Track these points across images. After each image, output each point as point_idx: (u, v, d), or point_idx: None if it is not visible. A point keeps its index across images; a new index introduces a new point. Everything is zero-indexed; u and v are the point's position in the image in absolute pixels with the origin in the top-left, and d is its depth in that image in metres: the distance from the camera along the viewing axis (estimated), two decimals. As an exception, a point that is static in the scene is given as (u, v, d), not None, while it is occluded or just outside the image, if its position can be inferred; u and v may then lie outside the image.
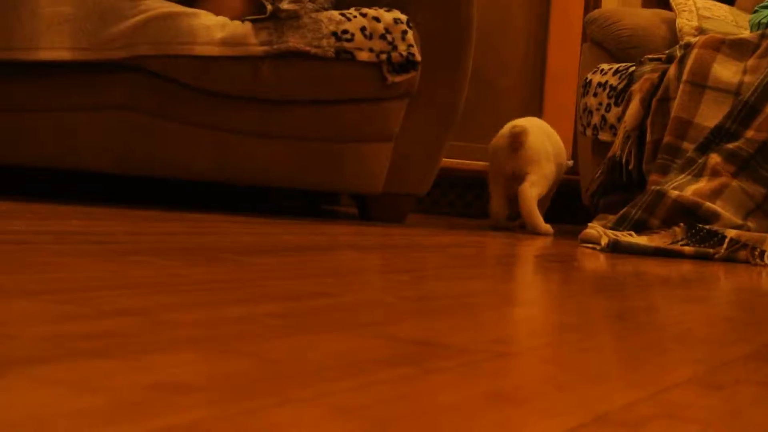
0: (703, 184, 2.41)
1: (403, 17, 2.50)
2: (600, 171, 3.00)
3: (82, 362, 0.55)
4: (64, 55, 2.25)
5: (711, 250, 2.20)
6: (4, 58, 2.22)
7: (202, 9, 2.41)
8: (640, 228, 2.38)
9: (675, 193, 2.37)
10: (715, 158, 2.46)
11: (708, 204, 2.33)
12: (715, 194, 2.37)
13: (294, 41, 2.39)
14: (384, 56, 2.46)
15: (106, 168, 2.36)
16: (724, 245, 2.21)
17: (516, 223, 3.01)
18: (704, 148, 2.51)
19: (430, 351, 0.68)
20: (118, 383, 0.51)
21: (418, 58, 2.50)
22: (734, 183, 2.40)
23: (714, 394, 0.62)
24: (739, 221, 2.32)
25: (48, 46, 2.24)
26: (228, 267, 1.14)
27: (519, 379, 0.62)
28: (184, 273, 1.03)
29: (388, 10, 2.51)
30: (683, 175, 2.48)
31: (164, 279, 0.97)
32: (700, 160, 2.49)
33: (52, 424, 0.42)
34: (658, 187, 2.42)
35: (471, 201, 4.00)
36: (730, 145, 2.47)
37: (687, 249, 2.20)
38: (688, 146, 2.59)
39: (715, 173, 2.42)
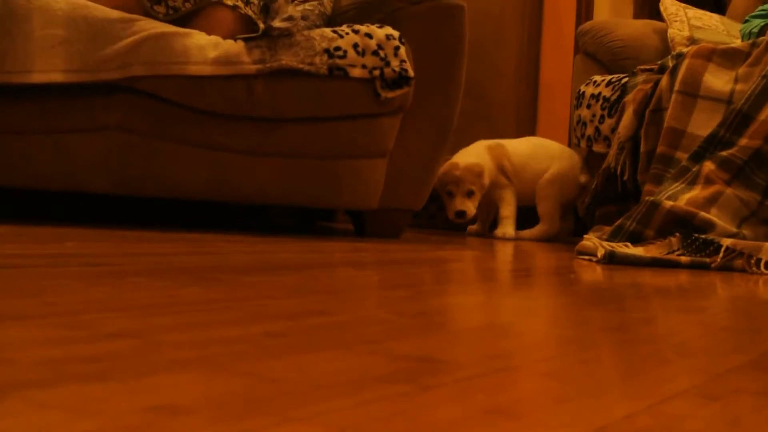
0: (697, 192, 2.41)
1: (395, 33, 2.50)
2: (595, 182, 3.01)
3: (79, 386, 0.55)
4: (58, 77, 2.25)
5: (707, 260, 2.20)
6: (-2, 81, 2.22)
7: (195, 29, 2.41)
8: (635, 239, 2.38)
9: (669, 203, 2.37)
10: (708, 166, 2.46)
11: (702, 213, 2.33)
12: (710, 202, 2.37)
13: (287, 59, 2.39)
14: (377, 72, 2.46)
15: (102, 189, 2.36)
16: (720, 254, 2.21)
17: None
18: (698, 157, 2.52)
19: (427, 367, 0.68)
20: (115, 407, 0.51)
21: (411, 73, 2.50)
22: (728, 190, 2.40)
23: (712, 405, 0.62)
24: (734, 229, 2.32)
25: (42, 69, 2.24)
26: (224, 287, 1.14)
27: (517, 393, 0.61)
28: (180, 294, 1.03)
29: (380, 27, 2.51)
30: (677, 184, 2.48)
31: (160, 300, 0.97)
32: (694, 169, 2.49)
33: (49, 450, 0.42)
34: (652, 198, 2.42)
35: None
36: (724, 153, 2.47)
37: (683, 259, 2.20)
38: (682, 156, 2.59)
39: (709, 181, 2.42)
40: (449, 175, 3.33)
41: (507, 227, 3.40)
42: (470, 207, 3.33)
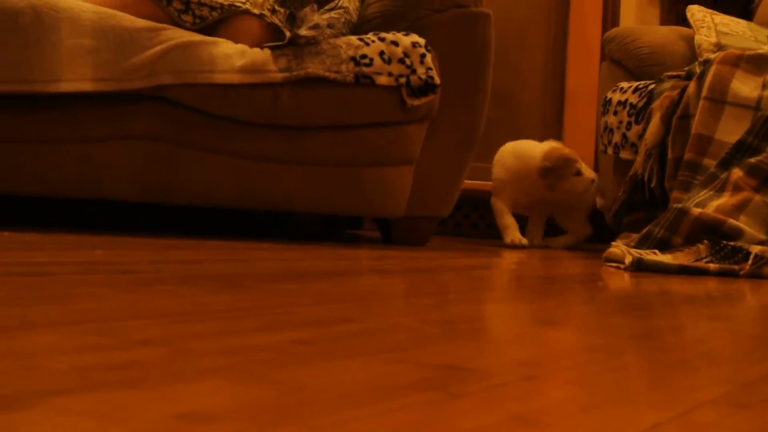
0: (725, 200, 2.39)
1: (421, 41, 2.51)
2: (622, 189, 2.99)
3: (108, 393, 0.55)
4: (86, 86, 2.27)
5: (736, 267, 2.18)
6: (28, 90, 2.23)
7: (222, 37, 2.42)
8: (663, 246, 2.36)
9: (697, 210, 2.36)
10: (737, 173, 2.44)
11: (731, 221, 2.32)
12: (738, 209, 2.36)
13: (313, 67, 2.40)
14: (403, 80, 2.46)
15: (129, 197, 2.37)
16: (749, 261, 2.19)
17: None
18: (726, 164, 2.50)
19: (454, 375, 0.68)
20: (143, 414, 0.51)
21: (437, 80, 2.50)
22: (757, 197, 2.39)
23: (741, 413, 0.61)
24: (763, 236, 2.31)
25: (70, 78, 2.25)
26: (252, 294, 1.14)
27: (544, 401, 0.61)
28: (207, 301, 1.04)
29: (406, 34, 2.52)
30: (705, 191, 2.47)
31: (188, 308, 0.97)
32: (722, 176, 2.48)
33: (80, 457, 0.43)
34: (680, 205, 2.41)
35: (493, 222, 4.00)
36: (752, 160, 2.46)
37: (711, 266, 2.19)
38: (710, 162, 2.58)
39: (737, 188, 2.41)
40: (571, 155, 3.20)
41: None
42: None
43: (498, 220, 3.28)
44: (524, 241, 3.18)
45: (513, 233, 3.20)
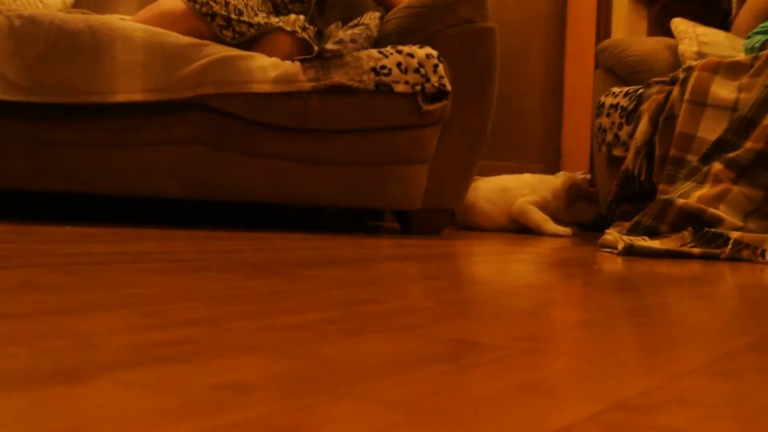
0: (706, 190, 2.38)
1: (434, 52, 2.50)
2: (615, 183, 2.98)
3: (158, 367, 0.56)
4: (138, 97, 2.27)
5: (717, 251, 2.17)
6: (87, 101, 2.24)
7: (257, 52, 2.42)
8: (651, 233, 2.36)
9: (681, 201, 2.35)
10: (717, 166, 2.43)
11: (711, 210, 2.31)
12: (718, 199, 2.34)
13: (338, 77, 2.40)
14: (418, 87, 2.46)
15: (176, 194, 2.38)
16: (729, 246, 2.18)
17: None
18: (707, 159, 2.49)
19: (466, 349, 0.68)
20: (189, 385, 0.51)
21: (449, 88, 2.49)
22: (735, 188, 2.37)
23: (721, 381, 0.61)
24: (741, 223, 2.30)
25: (124, 90, 2.26)
26: (285, 279, 1.14)
27: (546, 371, 0.61)
28: (246, 285, 1.04)
29: (420, 47, 2.51)
30: (688, 183, 2.46)
31: (229, 291, 0.97)
32: (703, 169, 2.46)
33: (134, 422, 0.43)
34: (665, 197, 2.39)
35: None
36: (731, 155, 2.44)
37: (695, 250, 2.18)
38: (692, 158, 2.56)
39: (717, 180, 2.40)
40: (584, 182, 3.42)
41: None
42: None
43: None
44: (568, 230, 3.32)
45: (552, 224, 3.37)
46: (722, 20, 4.09)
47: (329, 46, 2.42)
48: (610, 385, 0.58)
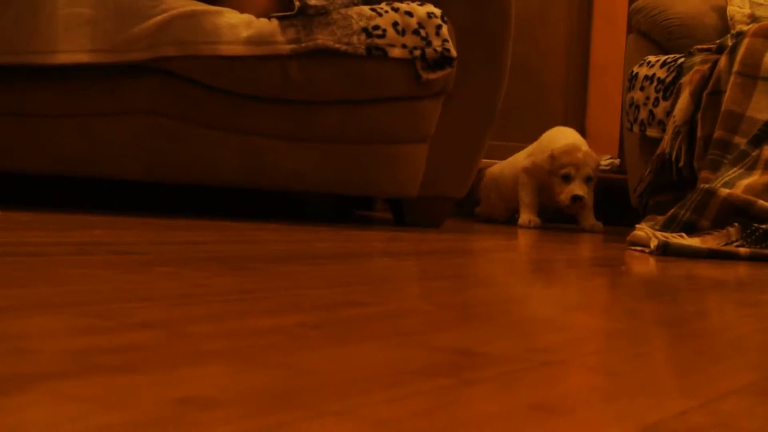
0: (756, 178, 2.38)
1: (437, 11, 2.50)
2: (648, 169, 2.99)
3: (106, 377, 0.56)
4: (84, 57, 2.27)
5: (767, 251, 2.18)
6: (22, 62, 2.24)
7: (227, 6, 2.42)
8: (689, 229, 2.36)
9: (725, 191, 2.35)
10: (769, 150, 2.44)
11: (761, 202, 2.31)
12: (770, 189, 2.35)
13: (323, 38, 2.40)
14: (417, 52, 2.46)
15: (131, 175, 2.38)
16: (782, 245, 2.19)
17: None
18: (758, 141, 2.49)
19: (469, 360, 0.68)
20: (142, 398, 0.51)
21: (454, 53, 2.49)
22: (791, 177, 2.38)
23: (771, 403, 0.61)
24: (797, 219, 2.30)
25: (67, 49, 2.26)
26: (257, 276, 1.14)
27: (563, 388, 0.61)
28: (211, 283, 1.04)
29: (421, 4, 2.51)
30: (735, 169, 2.46)
31: (190, 290, 0.97)
32: (753, 153, 2.47)
33: (75, 442, 0.43)
34: (707, 186, 2.40)
35: (512, 203, 3.99)
36: (787, 137, 2.45)
37: (742, 250, 2.19)
38: (741, 141, 2.57)
39: (769, 166, 2.40)
40: (570, 156, 3.30)
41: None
42: (589, 193, 3.33)
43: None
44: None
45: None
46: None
47: (313, 1, 2.42)
48: (638, 406, 0.58)
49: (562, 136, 3.42)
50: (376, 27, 2.44)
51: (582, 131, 4.61)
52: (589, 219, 3.42)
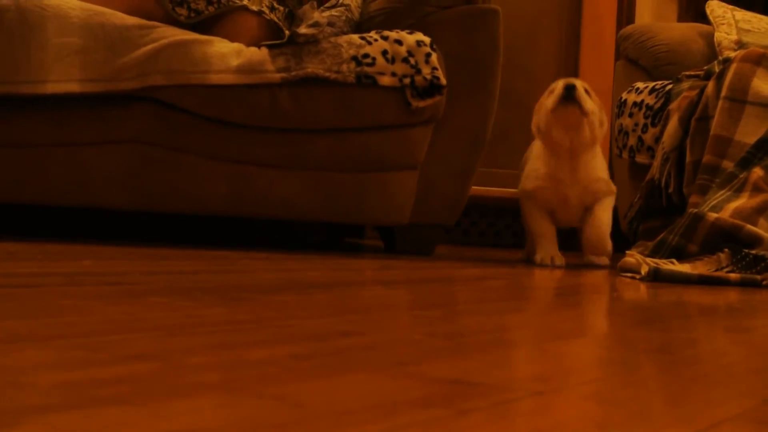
0: (744, 201, 2.39)
1: (427, 39, 2.51)
2: (638, 195, 2.99)
3: (98, 410, 0.56)
4: (74, 87, 2.27)
5: (758, 277, 2.18)
6: (12, 92, 2.24)
7: (218, 35, 2.42)
8: (678, 254, 2.36)
9: (713, 215, 2.35)
10: (757, 173, 2.44)
11: (749, 227, 2.31)
12: (757, 212, 2.35)
13: (313, 67, 2.40)
14: (407, 80, 2.47)
15: (120, 204, 2.38)
16: (773, 271, 2.19)
17: None
18: (746, 163, 2.50)
19: (463, 390, 0.68)
20: (135, 431, 0.51)
21: (443, 81, 2.50)
22: (778, 200, 2.38)
23: (766, 430, 0.61)
24: (785, 242, 2.30)
25: (57, 79, 2.26)
26: (249, 306, 1.14)
27: (558, 418, 0.61)
28: (202, 314, 1.04)
29: (410, 33, 2.52)
30: (722, 192, 2.46)
31: (182, 320, 0.97)
32: (741, 175, 2.47)
33: (69, 477, 0.43)
34: (695, 210, 2.40)
35: (502, 230, 4.00)
36: (774, 159, 2.46)
37: (733, 276, 2.19)
38: (729, 165, 2.57)
39: (757, 189, 2.41)
40: (562, 83, 2.55)
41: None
42: (582, 87, 2.55)
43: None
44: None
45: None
46: (765, 4, 4.12)
47: (302, 30, 2.43)
48: (633, 434, 0.58)
49: None
50: (366, 55, 2.45)
51: (571, 157, 4.61)
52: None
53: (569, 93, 2.49)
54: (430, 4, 2.66)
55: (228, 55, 2.36)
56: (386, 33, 2.51)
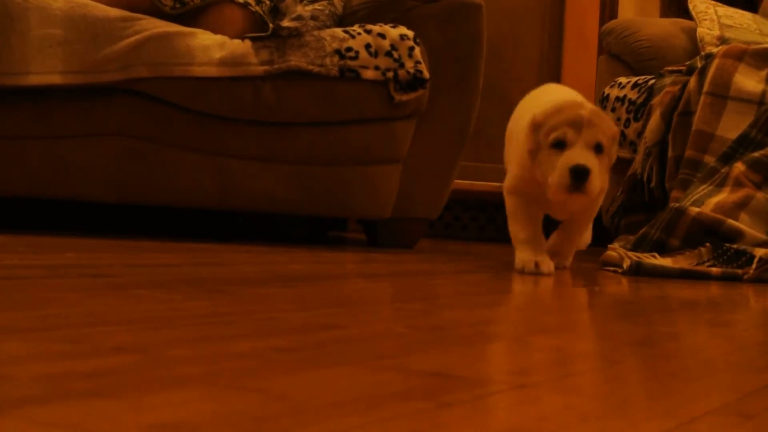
0: (725, 196, 2.40)
1: (410, 33, 2.51)
2: (620, 190, 3.00)
3: (80, 402, 0.55)
4: (56, 79, 2.26)
5: (739, 271, 2.19)
6: (-6, 84, 2.23)
7: (203, 26, 2.41)
8: (660, 248, 2.36)
9: (695, 210, 2.36)
10: (739, 167, 2.45)
11: (730, 221, 2.32)
12: (739, 207, 2.36)
13: (296, 60, 2.40)
14: (390, 74, 2.46)
15: (102, 197, 2.37)
16: (753, 265, 2.19)
17: None
18: (728, 158, 2.51)
19: (444, 383, 0.68)
20: (119, 424, 0.51)
21: (427, 75, 2.50)
22: (759, 194, 2.39)
23: (744, 424, 0.62)
24: (765, 237, 2.31)
25: (39, 71, 2.25)
26: (231, 299, 1.14)
27: (539, 411, 0.61)
28: (185, 306, 1.04)
29: (393, 26, 2.52)
30: (704, 186, 2.47)
31: (164, 313, 0.97)
32: (722, 170, 2.48)
33: (50, 469, 0.43)
34: (676, 205, 2.41)
35: (485, 224, 4.00)
36: (756, 154, 2.46)
37: (714, 270, 2.20)
38: (710, 160, 2.58)
39: (738, 183, 2.41)
40: (564, 114, 1.96)
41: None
42: (595, 164, 1.91)
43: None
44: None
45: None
46: (747, 0, 4.13)
47: (286, 22, 2.42)
48: (615, 428, 0.58)
49: (547, 98, 2.18)
50: (349, 49, 2.44)
51: (554, 152, 4.62)
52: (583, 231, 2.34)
53: (579, 181, 1.90)
54: (414, -2, 2.66)
55: (211, 47, 2.35)
56: (369, 27, 2.50)
